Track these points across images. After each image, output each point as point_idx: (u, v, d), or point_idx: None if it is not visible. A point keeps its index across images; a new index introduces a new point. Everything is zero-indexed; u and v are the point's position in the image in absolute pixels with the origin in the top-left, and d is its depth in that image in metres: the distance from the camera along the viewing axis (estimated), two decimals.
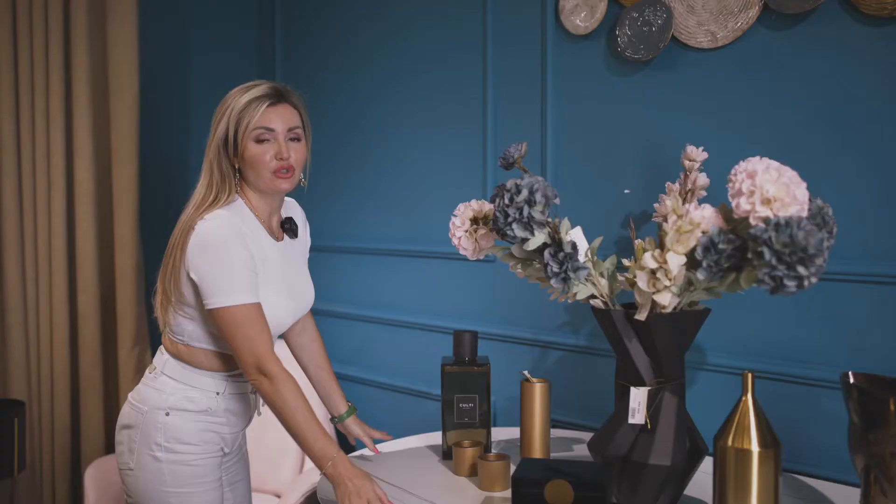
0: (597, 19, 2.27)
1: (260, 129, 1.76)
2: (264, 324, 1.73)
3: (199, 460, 1.81)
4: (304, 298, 1.95)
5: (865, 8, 1.82)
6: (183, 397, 1.81)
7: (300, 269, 1.97)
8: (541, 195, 1.59)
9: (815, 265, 1.35)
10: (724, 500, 1.52)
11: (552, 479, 1.55)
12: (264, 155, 1.77)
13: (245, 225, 1.78)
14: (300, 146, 1.81)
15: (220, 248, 1.71)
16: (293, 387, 1.71)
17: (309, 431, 1.69)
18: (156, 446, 1.79)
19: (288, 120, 1.79)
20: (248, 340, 1.70)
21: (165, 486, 1.78)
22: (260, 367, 1.70)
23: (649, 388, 1.67)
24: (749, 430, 1.51)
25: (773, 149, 1.92)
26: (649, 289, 1.57)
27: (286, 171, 1.78)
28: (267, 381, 1.70)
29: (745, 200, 1.44)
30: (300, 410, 1.70)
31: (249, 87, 1.80)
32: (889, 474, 1.45)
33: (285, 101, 1.81)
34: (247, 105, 1.75)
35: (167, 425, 1.79)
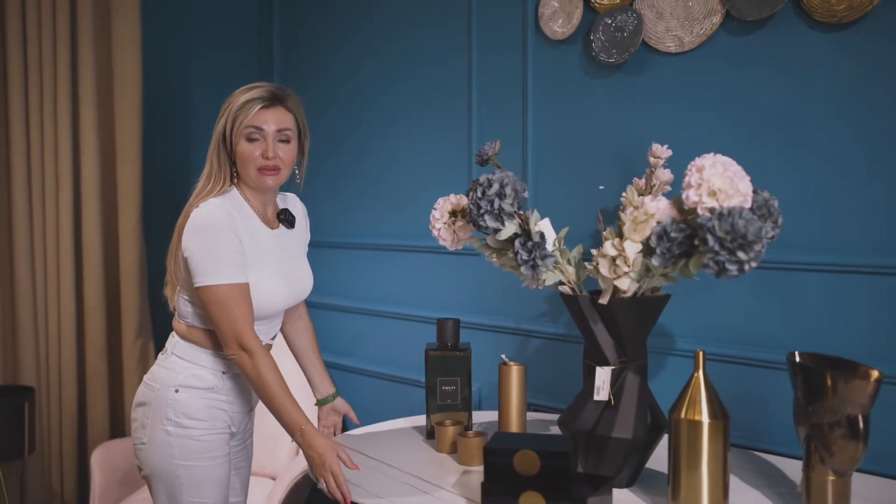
0: (573, 25, 2.41)
1: (251, 128, 1.88)
2: (247, 303, 1.84)
3: (207, 435, 1.91)
4: (301, 284, 2.04)
5: (817, 15, 1.96)
6: (191, 375, 1.92)
7: (297, 256, 2.06)
8: (510, 189, 1.73)
9: (753, 251, 1.48)
10: (678, 469, 1.65)
11: (521, 449, 1.68)
12: (253, 152, 1.88)
13: (238, 212, 1.89)
14: (289, 147, 1.92)
15: (208, 230, 1.83)
16: (270, 362, 1.83)
17: (283, 403, 1.81)
18: (167, 421, 1.89)
19: (279, 121, 1.90)
20: (229, 317, 1.81)
21: (174, 458, 1.88)
22: (240, 342, 1.82)
23: (613, 368, 1.80)
24: (700, 403, 1.63)
25: (734, 146, 2.07)
26: (610, 275, 1.71)
27: (271, 170, 1.89)
28: (246, 356, 1.82)
29: (693, 192, 1.57)
30: (275, 384, 1.81)
31: (251, 87, 1.92)
32: (827, 443, 1.57)
33: (280, 104, 1.91)
34: (243, 105, 1.88)
35: (177, 401, 1.89)
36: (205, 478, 1.91)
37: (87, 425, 3.08)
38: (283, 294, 1.96)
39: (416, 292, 2.91)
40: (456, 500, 1.79)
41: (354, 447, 2.14)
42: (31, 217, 3.00)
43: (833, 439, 1.57)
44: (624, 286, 1.70)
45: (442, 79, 2.81)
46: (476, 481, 1.83)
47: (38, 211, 3.00)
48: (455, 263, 2.76)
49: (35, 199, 3.00)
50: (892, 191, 1.87)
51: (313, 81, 3.32)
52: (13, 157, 2.95)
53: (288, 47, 3.47)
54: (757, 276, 2.07)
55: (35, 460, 2.99)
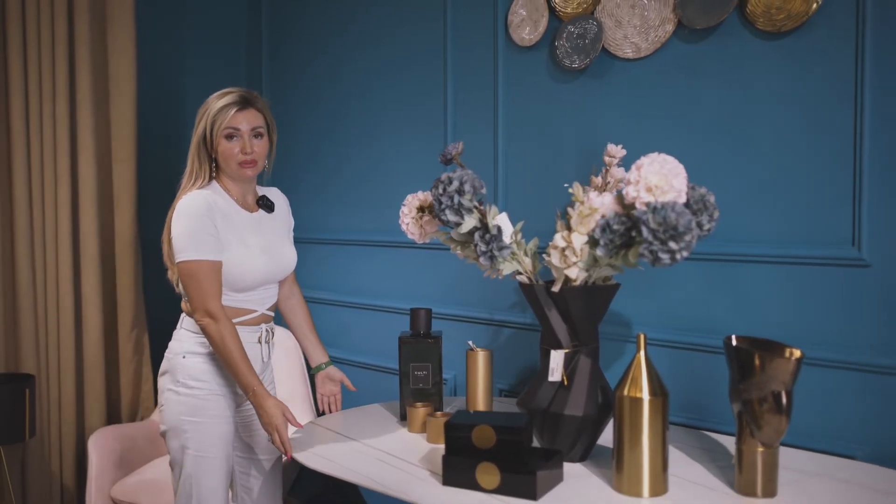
0: (539, 32, 2.56)
1: (229, 129, 2.17)
2: (215, 277, 2.12)
3: (209, 396, 2.17)
4: (281, 259, 2.29)
5: (760, 24, 2.10)
6: (195, 342, 2.19)
7: (278, 236, 2.32)
8: (469, 186, 1.88)
9: (684, 241, 1.63)
10: (621, 442, 1.79)
11: (479, 425, 1.83)
12: (233, 149, 2.18)
13: (217, 199, 2.17)
14: (262, 142, 2.21)
15: (185, 216, 2.12)
16: (231, 329, 2.10)
17: (238, 365, 2.09)
18: (176, 383, 2.18)
19: (252, 121, 2.19)
20: (198, 287, 2.10)
21: (182, 415, 2.16)
22: (205, 309, 2.10)
23: (566, 351, 1.95)
24: (641, 381, 1.77)
25: (685, 145, 2.22)
26: (561, 264, 1.86)
27: (250, 163, 2.19)
28: (211, 322, 2.10)
29: (632, 188, 1.72)
30: (235, 349, 2.09)
31: (224, 93, 2.20)
32: (755, 416, 1.72)
33: (251, 106, 2.20)
34: (220, 110, 2.17)
35: (184, 366, 2.18)
36: (208, 433, 2.16)
37: (85, 411, 3.22)
38: (260, 267, 2.21)
39: (396, 286, 3.06)
40: (420, 472, 1.94)
41: (333, 428, 2.29)
42: (32, 214, 3.14)
43: (761, 414, 1.71)
44: (573, 275, 1.85)
45: (419, 85, 2.96)
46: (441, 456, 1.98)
47: (37, 208, 3.14)
48: (431, 258, 2.90)
49: (35, 197, 3.13)
50: (826, 187, 2.01)
51: (299, 84, 3.47)
52: (14, 157, 3.09)
53: (275, 51, 3.62)
54: (705, 268, 2.22)
55: (35, 444, 3.12)
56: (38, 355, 3.15)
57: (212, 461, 2.16)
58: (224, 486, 2.21)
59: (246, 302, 2.22)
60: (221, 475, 2.19)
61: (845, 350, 1.99)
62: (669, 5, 2.26)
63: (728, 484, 1.81)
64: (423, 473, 1.93)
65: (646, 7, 2.31)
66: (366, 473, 1.94)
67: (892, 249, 1.93)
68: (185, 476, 2.16)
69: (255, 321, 2.24)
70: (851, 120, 1.97)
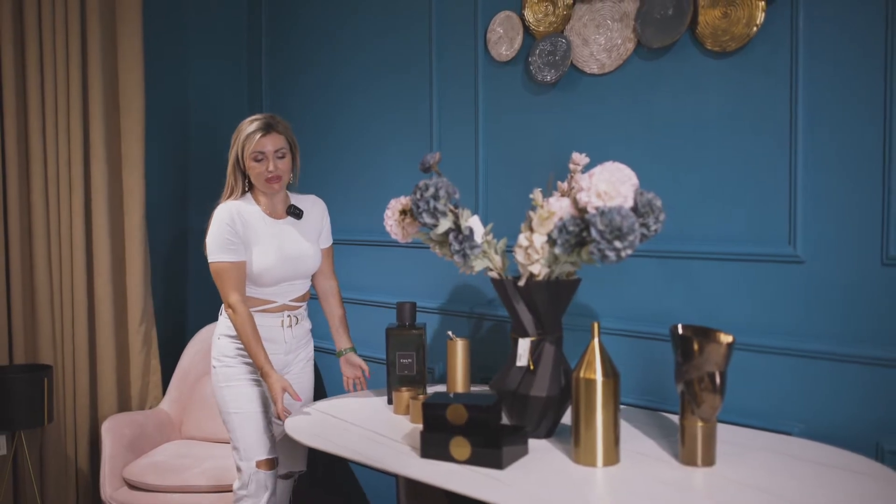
0: (515, 49, 2.78)
1: (256, 153, 2.59)
2: (236, 275, 2.58)
3: (237, 365, 2.67)
4: (300, 261, 2.70)
5: (708, 45, 2.32)
6: (226, 326, 2.69)
7: (299, 240, 2.70)
8: (443, 191, 2.11)
9: (627, 241, 1.86)
10: (578, 419, 2.01)
11: (452, 404, 2.05)
12: (260, 169, 2.60)
13: (244, 208, 2.62)
14: (285, 161, 2.63)
15: (214, 224, 2.60)
16: (248, 318, 2.58)
17: (252, 348, 2.57)
18: (214, 359, 2.70)
19: (275, 143, 2.60)
20: (222, 284, 2.59)
21: (220, 382, 2.68)
22: (228, 302, 2.60)
23: (532, 339, 2.18)
24: (595, 364, 1.99)
25: (645, 153, 2.45)
26: (525, 261, 2.08)
27: (274, 179, 2.60)
28: (231, 312, 2.60)
29: (584, 194, 1.95)
30: (248, 334, 2.57)
31: (252, 120, 2.62)
32: (695, 395, 1.94)
33: (273, 130, 2.61)
34: (247, 136, 2.59)
35: (219, 345, 2.70)
36: (240, 394, 2.65)
37: (98, 399, 3.43)
38: (276, 268, 2.64)
39: (383, 282, 3.29)
40: (402, 447, 2.17)
41: (327, 411, 2.52)
42: (48, 218, 3.34)
43: (699, 392, 1.94)
44: (536, 271, 2.08)
45: (405, 97, 3.18)
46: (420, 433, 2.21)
47: (53, 212, 3.34)
48: (416, 256, 3.12)
49: (51, 202, 3.33)
50: (769, 190, 2.23)
51: (294, 90, 3.69)
52: (32, 166, 3.29)
53: (274, 58, 3.83)
54: (660, 264, 2.45)
55: (52, 429, 3.33)
56: (54, 347, 3.36)
57: (247, 416, 2.63)
58: (264, 436, 2.65)
59: (268, 294, 2.68)
60: (258, 428, 2.64)
61: (782, 337, 2.22)
62: (630, 26, 2.48)
63: (674, 456, 2.03)
64: (405, 448, 2.16)
65: (609, 27, 2.54)
66: (354, 448, 2.17)
67: (823, 247, 2.15)
68: (232, 431, 2.65)
69: (276, 309, 2.69)
70: (787, 129, 2.19)
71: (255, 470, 2.62)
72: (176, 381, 3.54)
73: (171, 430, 3.45)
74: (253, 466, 2.62)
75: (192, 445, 3.34)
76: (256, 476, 2.62)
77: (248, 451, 2.63)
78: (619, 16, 2.51)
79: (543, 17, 2.70)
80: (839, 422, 2.13)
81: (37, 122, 3.30)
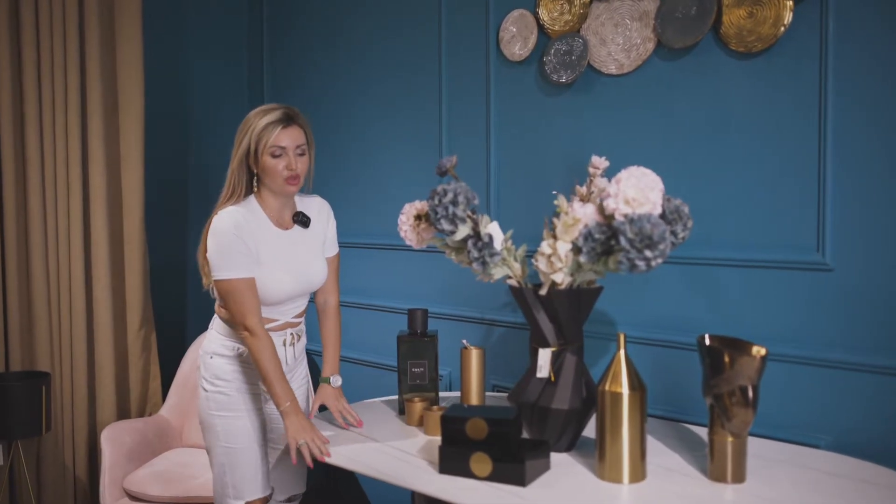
0: (529, 48, 2.71)
1: (274, 147, 2.23)
2: (251, 294, 2.23)
3: (234, 393, 2.33)
4: (308, 276, 2.37)
5: (733, 45, 2.26)
6: (221, 345, 2.35)
7: (309, 252, 2.39)
8: (462, 197, 2.03)
9: (658, 250, 1.79)
10: (603, 433, 1.95)
11: (472, 418, 1.98)
12: (278, 166, 2.24)
13: (249, 217, 2.26)
14: (305, 159, 2.29)
15: (219, 235, 2.21)
16: (268, 343, 2.23)
17: (274, 378, 2.21)
18: (204, 380, 2.36)
19: (296, 139, 2.26)
20: (236, 304, 2.22)
21: (211, 409, 2.33)
22: (245, 324, 2.23)
23: (553, 349, 2.11)
24: (621, 377, 1.93)
25: (663, 157, 2.38)
26: (547, 269, 2.01)
27: (294, 179, 2.26)
28: (249, 336, 2.23)
29: (612, 200, 1.87)
30: (270, 362, 2.22)
31: (267, 110, 2.25)
32: (725, 409, 1.88)
33: (294, 123, 2.27)
34: (265, 127, 2.22)
35: (211, 365, 2.35)
36: (235, 426, 2.32)
37: (97, 407, 3.35)
38: (285, 286, 2.31)
39: (394, 287, 3.22)
40: (419, 461, 2.09)
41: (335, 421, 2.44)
42: (45, 220, 3.27)
43: (730, 406, 1.87)
44: (559, 279, 2.01)
45: (414, 98, 3.11)
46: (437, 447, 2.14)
47: (51, 214, 3.27)
48: (427, 261, 3.06)
49: (48, 204, 3.26)
50: (796, 196, 2.17)
51: (298, 90, 3.62)
52: (29, 167, 3.21)
53: (275, 59, 3.75)
54: (683, 271, 2.38)
55: (50, 438, 3.26)
56: (52, 354, 3.28)
57: (242, 452, 2.31)
58: (258, 474, 2.33)
59: (270, 312, 2.32)
60: (254, 464, 2.32)
61: (810, 347, 2.16)
62: (650, 26, 2.41)
63: (701, 471, 1.97)
64: (422, 463, 2.08)
65: (628, 27, 2.47)
66: (368, 463, 2.10)
67: (852, 254, 2.09)
68: (219, 465, 2.33)
69: (279, 328, 2.36)
70: (816, 133, 2.13)
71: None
72: (176, 387, 3.46)
73: (171, 437, 3.37)
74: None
75: (193, 453, 3.26)
76: None
77: (240, 489, 2.31)
78: (639, 15, 2.44)
79: (559, 15, 2.62)
80: (869, 435, 2.07)
81: (34, 122, 3.23)
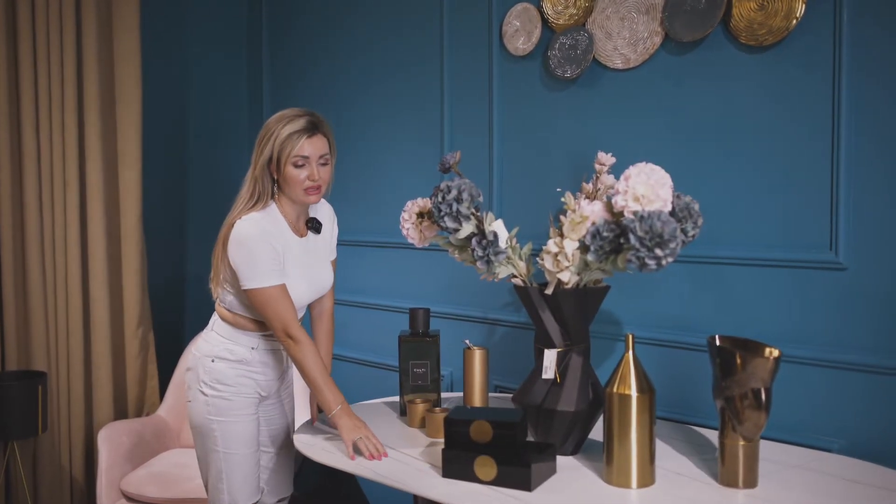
0: (533, 42, 2.66)
1: (298, 157, 2.19)
2: (288, 300, 2.21)
3: (235, 398, 2.28)
4: (320, 283, 2.38)
5: (743, 38, 2.21)
6: (224, 349, 2.30)
7: (320, 258, 2.39)
8: (467, 194, 1.98)
9: (668, 248, 1.74)
10: (611, 436, 1.90)
11: (476, 420, 1.93)
12: (300, 176, 2.20)
13: (273, 225, 2.23)
14: (327, 168, 2.25)
15: (249, 243, 2.17)
16: (312, 349, 2.21)
17: (323, 383, 2.20)
18: (203, 384, 2.29)
19: (320, 149, 2.22)
20: (275, 313, 2.19)
21: (210, 415, 2.28)
22: (287, 332, 2.19)
23: (559, 350, 2.06)
24: (629, 378, 1.88)
25: (671, 153, 2.33)
26: (553, 268, 1.96)
27: (315, 189, 2.22)
28: (293, 343, 2.20)
29: (621, 198, 1.83)
30: (316, 367, 2.20)
31: (290, 118, 2.21)
32: (737, 412, 1.83)
33: (318, 131, 2.23)
34: (289, 136, 2.18)
35: (212, 369, 2.29)
36: (233, 432, 2.28)
37: (94, 407, 3.31)
38: (305, 292, 2.31)
39: (395, 286, 3.17)
40: (421, 465, 2.04)
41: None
42: (42, 217, 3.22)
43: (742, 409, 1.82)
44: (565, 278, 1.96)
45: (416, 93, 3.06)
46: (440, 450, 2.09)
47: (47, 212, 3.22)
48: (429, 259, 3.01)
49: (45, 201, 3.21)
50: (808, 193, 2.12)
51: (299, 87, 3.57)
52: (25, 163, 3.17)
53: (275, 55, 3.70)
54: (691, 270, 2.33)
55: (46, 439, 3.21)
56: (48, 353, 3.24)
57: (239, 457, 2.29)
58: (253, 479, 2.32)
59: None
60: (250, 469, 2.31)
61: (822, 349, 2.11)
62: (657, 19, 2.36)
63: (712, 476, 1.92)
64: (424, 466, 2.03)
65: (634, 20, 2.42)
66: (369, 466, 2.05)
67: (867, 253, 2.04)
68: (216, 471, 2.29)
69: None
70: (829, 129, 2.08)
71: None
72: (174, 387, 3.41)
73: (169, 437, 3.32)
74: None
75: (191, 454, 3.21)
76: None
77: (234, 494, 2.30)
78: (646, 8, 2.39)
79: (563, 9, 2.57)
80: (882, 439, 2.03)
81: (30, 117, 3.18)
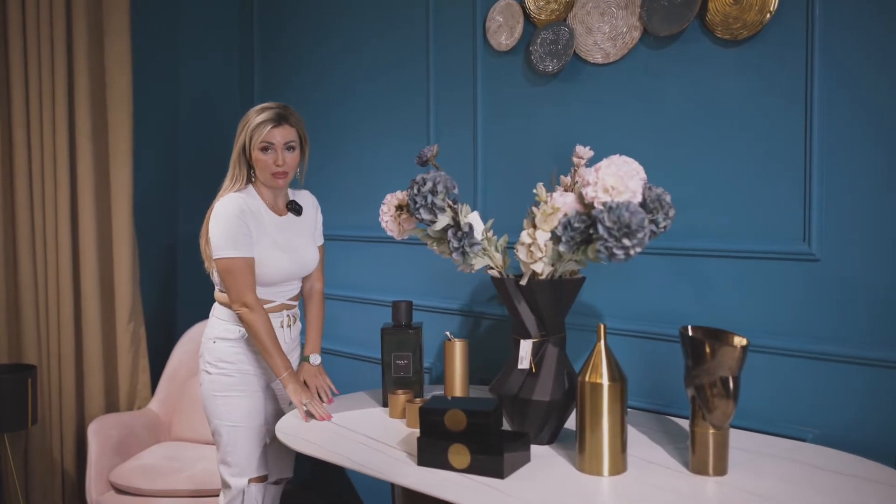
0: (515, 38, 2.68)
1: (264, 143, 2.41)
2: (249, 271, 2.39)
3: (236, 374, 2.46)
4: (303, 259, 2.55)
5: (719, 32, 2.23)
6: (223, 329, 2.48)
7: (302, 237, 2.56)
8: (442, 186, 2.01)
9: (636, 238, 1.76)
10: (583, 424, 1.92)
11: (451, 409, 1.96)
12: (267, 160, 2.42)
13: (251, 201, 2.44)
14: (293, 154, 2.46)
15: (221, 217, 2.38)
16: (265, 317, 2.40)
17: (271, 349, 2.40)
18: (208, 364, 2.48)
19: (285, 136, 2.43)
20: (235, 281, 2.38)
21: (215, 391, 2.46)
22: (242, 300, 2.39)
23: (534, 341, 2.08)
24: (601, 368, 1.90)
25: (649, 146, 2.35)
26: (527, 259, 1.99)
27: (281, 174, 2.43)
28: (246, 310, 2.39)
29: (591, 189, 1.85)
30: (266, 334, 2.39)
31: (263, 109, 2.45)
32: (706, 400, 1.85)
33: (285, 122, 2.43)
34: (257, 125, 2.41)
35: (214, 349, 2.48)
36: (238, 407, 2.46)
37: (85, 400, 3.34)
38: (283, 266, 2.48)
39: (379, 279, 3.19)
40: (398, 454, 2.07)
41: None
42: (33, 213, 3.26)
43: (711, 398, 1.84)
44: (539, 269, 1.98)
45: (401, 89, 3.08)
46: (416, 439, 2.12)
47: (38, 208, 3.26)
48: (412, 253, 3.03)
49: (36, 198, 3.25)
50: (782, 186, 2.14)
51: (288, 85, 3.59)
52: (16, 160, 3.21)
53: (266, 57, 3.73)
54: (667, 261, 2.35)
55: (37, 431, 3.25)
56: (39, 347, 3.28)
57: (244, 430, 2.45)
58: (258, 452, 2.49)
59: (267, 293, 2.48)
60: (255, 442, 2.47)
61: (796, 339, 2.13)
62: (635, 14, 2.39)
63: (683, 464, 1.94)
64: (401, 455, 2.06)
65: (614, 15, 2.44)
66: (348, 456, 2.08)
67: (839, 245, 2.06)
68: (224, 444, 2.46)
69: (276, 308, 2.51)
70: (802, 122, 2.09)
71: (246, 486, 2.47)
72: (165, 381, 3.44)
73: (159, 431, 3.35)
74: (245, 482, 2.46)
75: (181, 447, 3.24)
76: (249, 491, 2.47)
77: (240, 467, 2.46)
78: (625, 3, 2.41)
79: (545, 4, 2.60)
80: (856, 428, 2.04)
81: (20, 115, 3.21)
